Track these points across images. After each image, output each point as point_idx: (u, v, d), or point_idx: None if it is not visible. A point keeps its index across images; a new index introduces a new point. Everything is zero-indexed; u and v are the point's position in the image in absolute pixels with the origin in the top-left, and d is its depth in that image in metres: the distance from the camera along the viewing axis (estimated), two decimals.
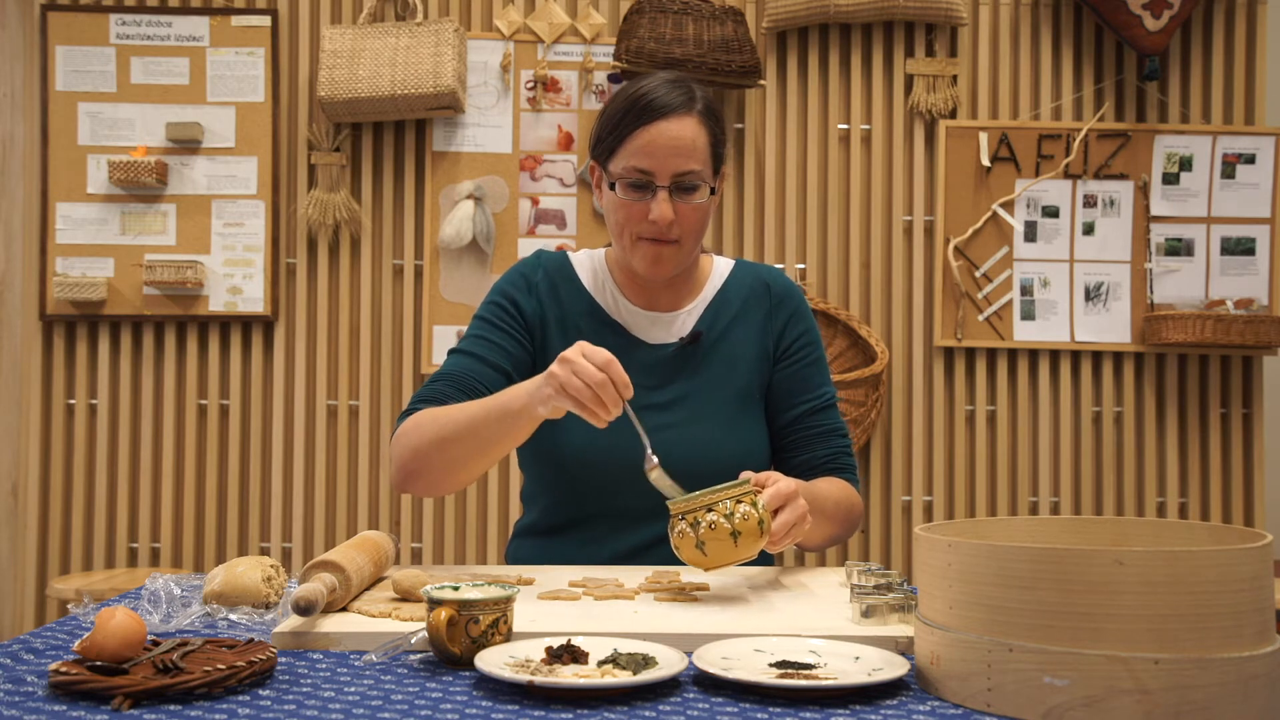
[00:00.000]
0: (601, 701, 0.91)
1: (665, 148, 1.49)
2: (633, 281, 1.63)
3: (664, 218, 1.49)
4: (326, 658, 1.06)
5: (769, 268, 1.71)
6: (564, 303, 1.62)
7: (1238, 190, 3.26)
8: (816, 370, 1.65)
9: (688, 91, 1.53)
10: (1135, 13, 3.11)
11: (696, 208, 1.52)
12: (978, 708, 0.90)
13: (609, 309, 1.63)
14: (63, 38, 3.17)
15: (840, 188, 3.27)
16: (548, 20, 3.23)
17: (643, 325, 1.62)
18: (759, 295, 1.66)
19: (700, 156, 1.52)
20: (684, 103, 1.51)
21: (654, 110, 1.50)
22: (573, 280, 1.64)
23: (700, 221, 1.54)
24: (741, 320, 1.64)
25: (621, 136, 1.52)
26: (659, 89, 1.52)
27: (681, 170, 1.50)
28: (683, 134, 1.50)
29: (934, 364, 3.25)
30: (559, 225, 3.22)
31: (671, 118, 1.50)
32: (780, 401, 1.64)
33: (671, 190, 1.50)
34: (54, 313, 3.15)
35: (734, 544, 1.21)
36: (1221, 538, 1.00)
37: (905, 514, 3.24)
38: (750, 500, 1.23)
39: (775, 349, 1.64)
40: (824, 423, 1.63)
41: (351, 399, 3.22)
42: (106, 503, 3.17)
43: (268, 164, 3.18)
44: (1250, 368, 3.28)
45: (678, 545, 1.26)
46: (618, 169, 1.52)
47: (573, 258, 1.67)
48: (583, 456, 1.55)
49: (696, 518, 1.23)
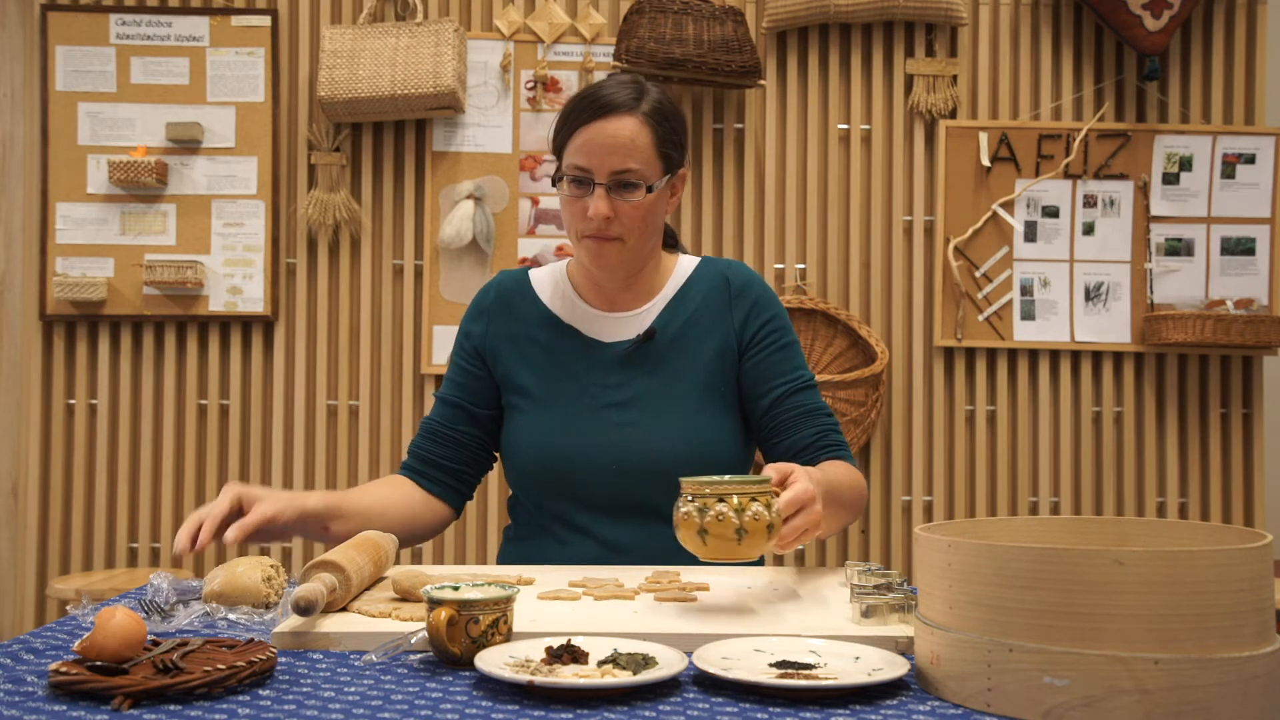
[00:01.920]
0: (601, 701, 0.91)
1: (603, 146, 1.51)
2: (592, 283, 1.65)
3: (599, 214, 1.52)
4: (326, 658, 1.06)
5: (731, 262, 1.71)
6: (519, 317, 1.67)
7: (1238, 190, 3.26)
8: (787, 354, 1.64)
9: (636, 91, 1.55)
10: (1135, 13, 3.11)
11: (636, 206, 1.54)
12: (978, 708, 0.90)
13: (565, 315, 1.66)
14: (63, 38, 3.17)
15: (840, 188, 3.27)
16: (548, 20, 3.23)
17: (601, 326, 1.65)
18: (718, 289, 1.66)
19: (640, 156, 1.53)
20: (626, 102, 1.53)
21: (595, 109, 1.52)
22: (528, 295, 1.68)
23: (642, 219, 1.55)
24: (701, 315, 1.64)
25: (568, 135, 1.55)
26: (606, 88, 1.54)
27: (618, 169, 1.52)
28: (620, 132, 1.52)
29: (934, 364, 3.25)
30: (559, 225, 3.22)
31: (611, 117, 1.52)
32: (754, 389, 1.63)
33: (610, 188, 1.52)
34: (54, 313, 3.15)
35: (737, 541, 1.16)
36: (1221, 538, 1.00)
37: (905, 514, 3.24)
38: (766, 501, 1.17)
39: (739, 341, 1.64)
40: (804, 403, 1.62)
41: (351, 399, 3.22)
42: (106, 503, 3.17)
43: (268, 164, 3.18)
44: (1250, 368, 3.28)
45: (678, 524, 1.19)
46: (564, 167, 1.56)
47: (533, 274, 1.71)
48: (538, 454, 1.60)
49: (706, 504, 1.17)
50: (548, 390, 1.63)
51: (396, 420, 3.21)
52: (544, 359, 1.65)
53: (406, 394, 3.20)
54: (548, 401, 1.62)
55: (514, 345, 1.66)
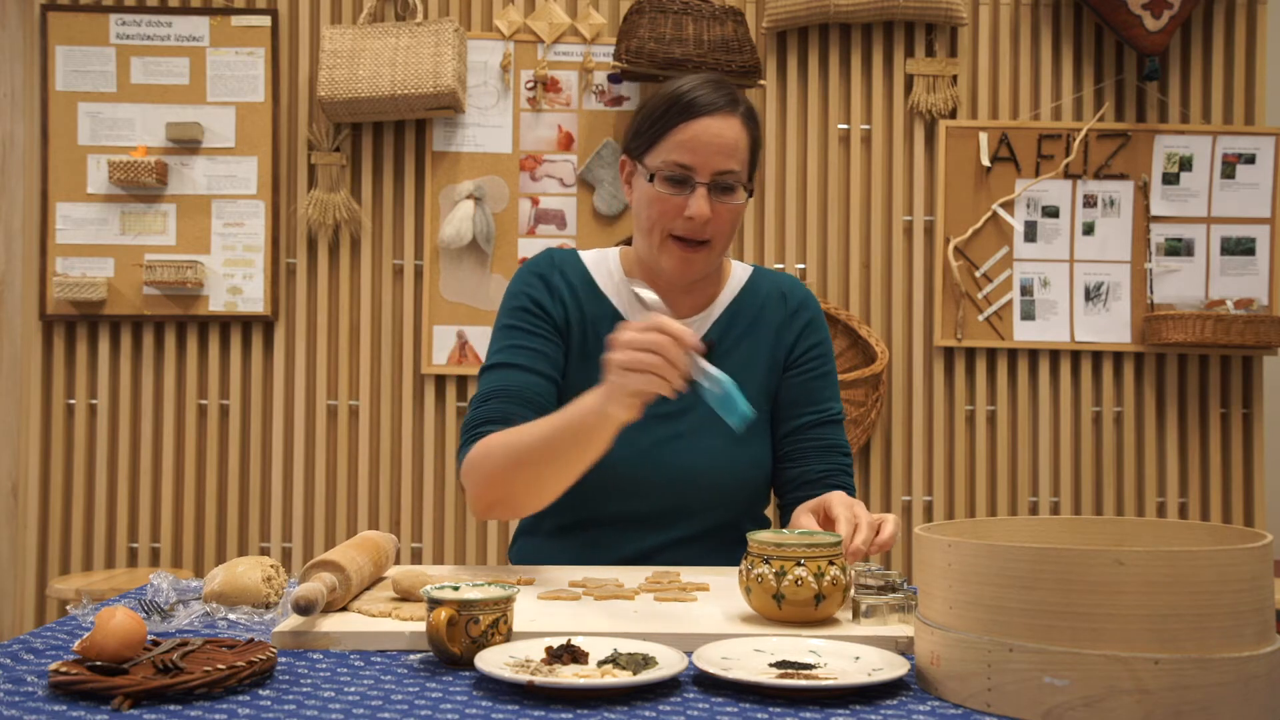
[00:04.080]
0: (601, 701, 0.91)
1: (708, 145, 1.47)
2: (653, 284, 1.58)
3: (701, 214, 1.46)
4: (326, 658, 1.06)
5: (787, 276, 1.69)
6: (584, 305, 1.58)
7: (1238, 190, 3.26)
8: (825, 384, 1.62)
9: (732, 93, 1.52)
10: (1135, 13, 3.11)
11: (732, 209, 1.50)
12: (978, 708, 0.90)
13: (626, 314, 1.58)
14: (63, 38, 3.17)
15: (840, 188, 3.27)
16: (548, 20, 3.23)
17: None
18: (775, 303, 1.63)
19: (740, 157, 1.50)
20: (729, 103, 1.50)
21: (699, 107, 1.48)
22: (590, 283, 1.60)
23: (732, 224, 1.52)
24: (755, 329, 1.61)
25: (663, 130, 1.49)
26: (704, 87, 1.50)
27: (722, 169, 1.48)
28: (725, 132, 1.48)
29: (934, 364, 3.25)
30: (559, 225, 3.22)
31: (716, 115, 1.48)
32: (784, 410, 1.61)
33: (710, 188, 1.48)
34: (54, 313, 3.15)
35: (814, 606, 1.13)
36: (1221, 538, 1.00)
37: (905, 514, 3.24)
38: (841, 564, 1.15)
39: (787, 358, 1.62)
40: (825, 437, 1.60)
41: (351, 399, 3.21)
42: (106, 503, 3.17)
43: (268, 164, 3.18)
44: (1250, 368, 3.28)
45: (749, 585, 1.15)
46: (656, 162, 1.49)
47: (585, 258, 1.63)
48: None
49: (784, 567, 1.13)
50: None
51: (396, 420, 3.21)
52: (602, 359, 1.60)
53: (406, 394, 3.20)
54: None
55: (582, 334, 1.57)
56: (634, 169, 1.55)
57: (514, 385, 1.50)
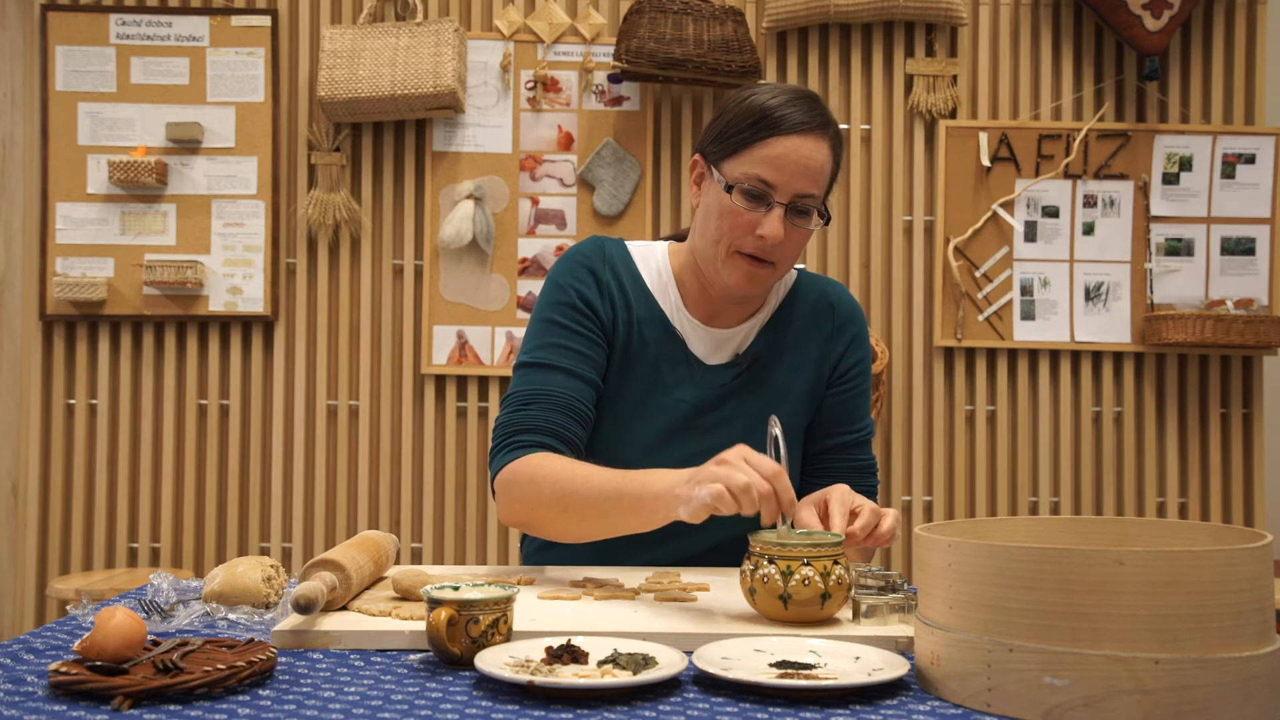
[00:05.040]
0: (601, 701, 0.91)
1: (795, 164, 1.40)
2: (702, 290, 1.52)
3: (774, 235, 1.40)
4: (326, 657, 1.06)
5: (834, 284, 1.62)
6: (632, 306, 1.51)
7: (1238, 190, 3.26)
8: (862, 401, 1.60)
9: (824, 114, 1.45)
10: (1135, 13, 3.11)
11: (804, 233, 1.44)
12: (978, 708, 0.90)
13: (673, 318, 1.52)
14: (63, 38, 3.17)
15: (840, 187, 3.27)
16: (548, 20, 3.23)
17: (700, 341, 1.53)
18: (823, 314, 1.57)
19: (822, 182, 1.43)
20: (821, 124, 1.42)
21: (791, 124, 1.40)
22: (638, 282, 1.53)
23: (800, 248, 1.47)
24: (802, 340, 1.56)
25: (749, 141, 1.41)
26: (798, 103, 1.42)
27: (804, 191, 1.41)
28: (814, 155, 1.41)
29: (934, 364, 3.25)
30: (559, 225, 3.22)
31: (808, 135, 1.41)
32: (822, 427, 1.58)
33: (788, 209, 1.41)
34: (54, 313, 3.15)
35: (820, 606, 1.13)
36: (1221, 538, 1.00)
37: (905, 514, 3.23)
38: (845, 563, 1.15)
39: (831, 373, 1.57)
40: (858, 458, 1.58)
41: (351, 399, 3.22)
42: (106, 503, 3.17)
43: (268, 164, 3.18)
44: (1250, 368, 3.28)
45: (754, 585, 1.14)
46: (736, 173, 1.41)
47: (633, 252, 1.56)
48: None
49: (790, 567, 1.12)
50: (643, 402, 1.51)
51: (396, 420, 3.21)
52: (650, 365, 1.51)
53: (406, 394, 3.20)
54: (640, 415, 1.50)
55: (626, 334, 1.51)
56: (707, 173, 1.47)
57: (556, 391, 1.45)
